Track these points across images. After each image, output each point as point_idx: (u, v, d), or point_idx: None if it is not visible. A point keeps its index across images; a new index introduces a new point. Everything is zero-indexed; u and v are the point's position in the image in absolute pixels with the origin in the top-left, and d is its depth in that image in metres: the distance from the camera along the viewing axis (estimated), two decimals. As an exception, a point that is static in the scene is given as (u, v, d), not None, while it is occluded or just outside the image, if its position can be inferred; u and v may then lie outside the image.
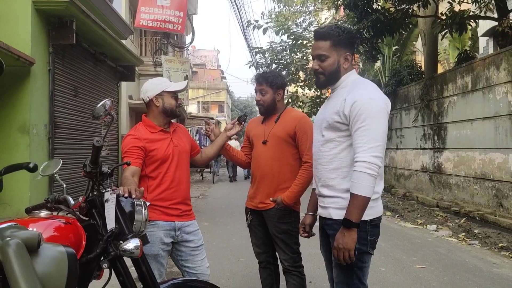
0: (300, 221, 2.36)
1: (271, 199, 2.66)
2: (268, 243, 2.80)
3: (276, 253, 2.83)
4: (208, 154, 2.74)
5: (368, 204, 1.81)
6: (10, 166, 1.52)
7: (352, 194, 1.82)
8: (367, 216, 1.86)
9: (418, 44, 13.09)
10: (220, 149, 2.77)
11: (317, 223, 2.19)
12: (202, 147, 2.65)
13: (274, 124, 2.74)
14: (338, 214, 1.91)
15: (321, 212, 2.06)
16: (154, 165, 2.36)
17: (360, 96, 1.87)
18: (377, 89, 1.98)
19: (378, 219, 1.96)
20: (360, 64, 15.08)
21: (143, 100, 2.49)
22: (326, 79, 2.02)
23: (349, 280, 1.91)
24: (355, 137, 1.86)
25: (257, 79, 2.82)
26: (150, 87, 2.45)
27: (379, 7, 8.92)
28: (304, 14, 18.67)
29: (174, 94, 2.47)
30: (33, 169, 1.51)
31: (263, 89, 2.75)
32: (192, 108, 34.42)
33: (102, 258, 1.67)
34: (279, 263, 2.81)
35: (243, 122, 2.83)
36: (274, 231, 2.68)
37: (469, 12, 8.19)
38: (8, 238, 1.23)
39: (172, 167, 2.40)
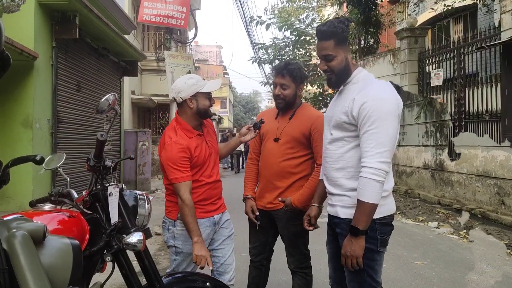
0: (305, 213, 2.31)
1: (279, 199, 2.55)
2: (266, 245, 2.73)
3: (272, 256, 2.79)
4: (219, 153, 2.70)
5: (375, 210, 1.77)
6: (17, 159, 1.54)
7: (359, 201, 1.78)
8: (376, 214, 1.80)
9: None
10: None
11: (326, 219, 2.16)
12: None
13: (288, 121, 2.56)
14: (345, 213, 1.90)
15: (329, 209, 2.04)
16: (194, 170, 2.30)
17: (370, 96, 1.80)
18: (388, 87, 1.88)
19: (390, 217, 1.91)
20: (363, 60, 15.04)
21: (174, 99, 2.37)
22: (337, 78, 1.96)
23: (360, 279, 1.87)
24: (363, 140, 1.80)
25: (280, 71, 2.52)
26: (184, 88, 2.30)
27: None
28: (307, 10, 18.58)
29: (208, 95, 2.35)
30: (40, 162, 1.54)
31: (285, 83, 2.50)
32: (194, 104, 34.26)
33: (105, 252, 1.68)
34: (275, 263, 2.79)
35: (257, 130, 2.61)
36: (282, 232, 2.61)
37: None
38: (14, 230, 1.25)
39: (210, 167, 2.39)
